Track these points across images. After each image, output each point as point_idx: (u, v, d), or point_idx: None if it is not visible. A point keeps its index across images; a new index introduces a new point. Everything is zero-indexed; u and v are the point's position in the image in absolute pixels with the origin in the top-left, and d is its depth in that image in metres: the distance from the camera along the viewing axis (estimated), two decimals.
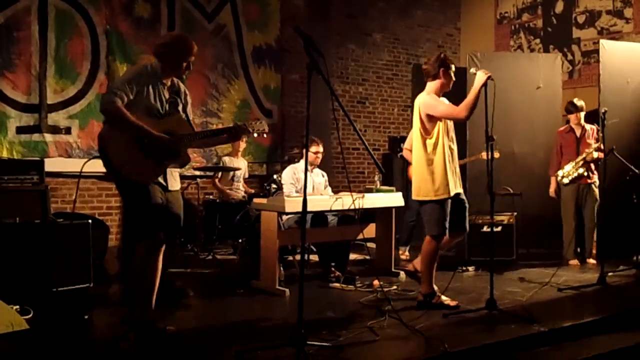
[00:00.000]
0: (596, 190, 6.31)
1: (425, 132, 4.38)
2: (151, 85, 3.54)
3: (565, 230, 6.49)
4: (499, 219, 6.16)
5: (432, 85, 4.45)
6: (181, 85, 3.79)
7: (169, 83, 3.67)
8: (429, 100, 4.38)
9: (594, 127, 6.39)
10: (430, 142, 4.37)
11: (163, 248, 3.65)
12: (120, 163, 3.42)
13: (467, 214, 4.57)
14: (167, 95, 3.63)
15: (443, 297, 4.40)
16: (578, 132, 6.44)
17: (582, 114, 6.40)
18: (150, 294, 3.63)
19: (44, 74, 6.84)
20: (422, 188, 4.41)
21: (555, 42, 9.29)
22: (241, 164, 7.22)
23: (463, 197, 4.54)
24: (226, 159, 7.19)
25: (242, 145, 7.29)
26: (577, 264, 6.32)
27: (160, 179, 3.57)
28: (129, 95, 3.44)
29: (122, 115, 3.38)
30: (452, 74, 4.43)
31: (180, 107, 3.70)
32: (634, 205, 6.45)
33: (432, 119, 4.35)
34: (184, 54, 3.63)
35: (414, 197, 4.51)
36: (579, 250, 6.53)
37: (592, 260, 6.42)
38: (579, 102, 6.43)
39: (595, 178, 6.33)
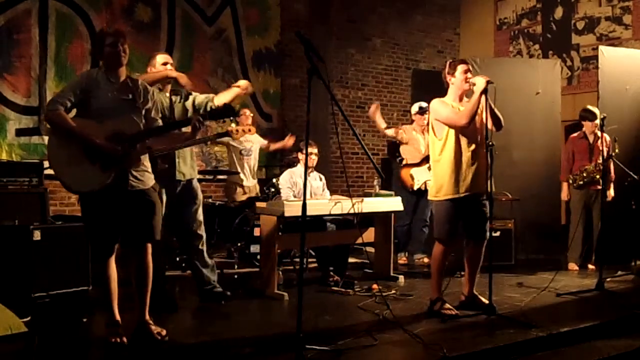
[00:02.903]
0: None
1: (435, 134, 4.43)
2: (99, 87, 3.51)
3: (572, 234, 6.49)
4: (497, 224, 6.16)
5: (448, 91, 4.51)
6: (140, 82, 3.71)
7: (119, 81, 3.59)
8: (435, 104, 4.44)
9: (607, 135, 6.36)
10: (439, 144, 4.40)
11: (147, 252, 3.63)
12: (62, 173, 3.43)
13: (486, 221, 4.44)
14: (117, 95, 3.55)
15: (446, 306, 4.34)
16: (591, 139, 6.44)
17: (598, 122, 6.38)
18: (144, 296, 3.64)
19: (43, 77, 6.85)
20: (431, 188, 4.48)
21: (555, 48, 9.33)
22: (254, 139, 6.98)
23: (485, 206, 4.42)
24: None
25: (248, 118, 6.85)
26: (576, 268, 6.32)
27: (106, 184, 3.46)
28: (72, 101, 3.44)
29: (63, 123, 3.41)
30: (461, 74, 4.42)
31: (139, 105, 3.61)
32: (632, 211, 6.47)
33: (440, 122, 4.39)
34: (104, 40, 3.55)
35: (429, 196, 4.55)
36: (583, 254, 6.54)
37: (592, 266, 6.43)
38: (595, 110, 6.41)
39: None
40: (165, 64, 4.48)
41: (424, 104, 6.80)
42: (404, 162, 6.77)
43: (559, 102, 7.49)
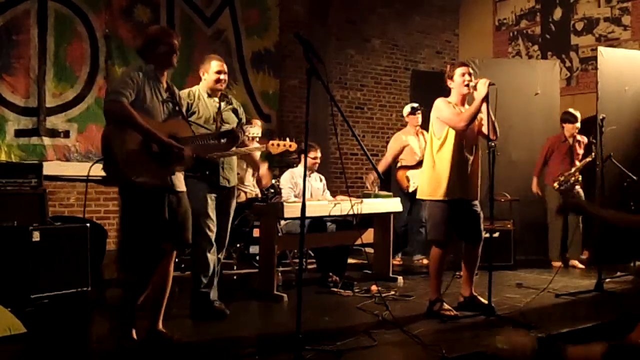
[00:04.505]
0: (581, 194, 6.47)
1: (435, 133, 4.44)
2: (148, 86, 3.45)
3: (551, 233, 6.65)
4: (497, 224, 6.17)
5: (451, 93, 4.51)
6: (174, 87, 3.70)
7: (164, 83, 3.57)
8: (439, 103, 4.44)
9: (584, 138, 6.50)
10: (437, 144, 4.40)
11: (173, 257, 3.60)
12: (127, 164, 3.27)
13: (480, 223, 4.49)
14: (164, 96, 3.54)
15: (446, 306, 4.34)
16: (571, 141, 6.54)
17: (578, 125, 6.52)
18: (161, 303, 3.59)
19: (42, 78, 6.84)
20: (424, 187, 4.46)
21: (554, 49, 9.32)
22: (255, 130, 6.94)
23: (476, 208, 4.47)
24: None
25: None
26: (560, 264, 6.36)
27: (167, 182, 3.46)
28: (132, 95, 3.33)
29: (131, 115, 3.26)
30: (459, 77, 4.42)
31: (178, 109, 3.61)
32: (631, 212, 6.47)
33: (440, 121, 4.40)
34: (168, 43, 3.51)
35: (418, 195, 4.56)
36: (567, 255, 6.65)
37: (579, 265, 6.52)
38: (577, 113, 6.52)
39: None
40: (219, 72, 4.36)
41: (415, 104, 6.92)
42: (399, 164, 6.79)
43: (557, 103, 7.50)
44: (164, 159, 3.40)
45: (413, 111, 6.81)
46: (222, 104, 4.42)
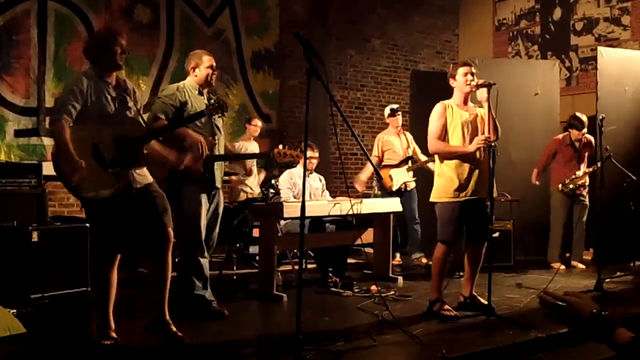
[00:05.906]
0: (586, 197, 6.47)
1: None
2: (95, 90, 3.46)
3: (552, 234, 6.63)
4: (497, 225, 6.17)
5: (454, 94, 4.49)
6: (128, 82, 3.68)
7: (113, 82, 3.57)
8: (433, 113, 4.44)
9: (592, 138, 6.49)
10: None
11: (169, 247, 3.59)
12: (73, 179, 3.31)
13: (488, 223, 4.44)
14: (113, 94, 3.54)
15: (446, 307, 4.33)
16: (577, 145, 6.54)
17: (585, 130, 6.51)
18: (163, 294, 3.60)
19: (42, 78, 6.84)
20: (434, 189, 4.46)
21: (553, 49, 9.33)
22: (255, 149, 7.14)
23: (487, 205, 4.44)
24: (237, 144, 7.15)
25: (257, 129, 7.33)
26: (560, 267, 6.36)
27: (122, 185, 3.45)
28: (76, 107, 3.37)
29: (62, 141, 3.29)
30: (462, 76, 4.41)
31: (130, 105, 3.59)
32: (631, 212, 6.48)
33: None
34: (109, 42, 3.51)
35: (430, 199, 4.53)
36: (567, 255, 6.65)
37: (580, 265, 6.52)
38: (584, 118, 6.48)
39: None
40: (211, 67, 4.30)
41: (394, 106, 7.03)
42: (382, 164, 6.81)
43: (557, 103, 7.50)
44: (114, 164, 3.41)
45: (392, 113, 6.91)
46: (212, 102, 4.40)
